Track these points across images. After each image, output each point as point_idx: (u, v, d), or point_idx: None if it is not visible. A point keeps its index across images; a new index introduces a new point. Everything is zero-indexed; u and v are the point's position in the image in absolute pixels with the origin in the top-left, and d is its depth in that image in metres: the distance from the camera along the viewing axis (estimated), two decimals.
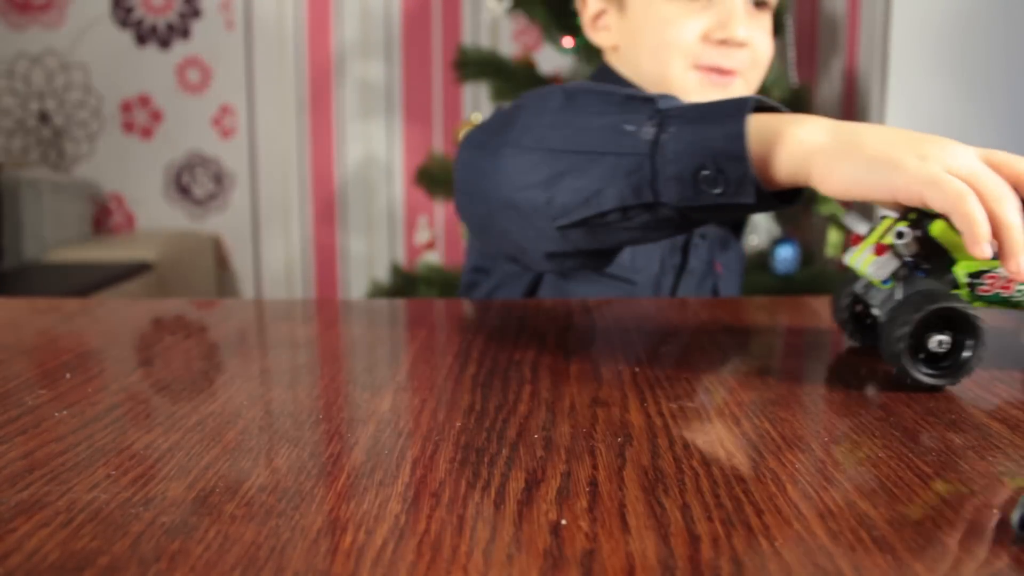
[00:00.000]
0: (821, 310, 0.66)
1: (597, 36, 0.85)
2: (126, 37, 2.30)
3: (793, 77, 2.00)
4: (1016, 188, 0.44)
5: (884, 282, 0.47)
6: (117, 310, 0.65)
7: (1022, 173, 0.44)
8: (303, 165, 2.34)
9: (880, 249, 0.46)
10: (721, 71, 0.78)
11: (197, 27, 2.30)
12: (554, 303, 0.67)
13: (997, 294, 0.47)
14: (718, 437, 0.37)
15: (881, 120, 1.89)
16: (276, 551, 0.27)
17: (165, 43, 2.30)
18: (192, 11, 2.29)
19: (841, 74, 2.26)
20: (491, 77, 1.83)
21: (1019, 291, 0.47)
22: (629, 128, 0.48)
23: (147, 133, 2.34)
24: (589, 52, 1.76)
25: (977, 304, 0.47)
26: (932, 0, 1.78)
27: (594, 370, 0.48)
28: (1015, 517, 0.28)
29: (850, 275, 0.52)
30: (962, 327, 0.44)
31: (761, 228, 1.68)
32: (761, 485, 0.32)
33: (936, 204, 0.42)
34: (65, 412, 0.40)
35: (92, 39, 2.30)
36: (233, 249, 2.42)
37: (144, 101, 2.32)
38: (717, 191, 0.46)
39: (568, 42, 1.82)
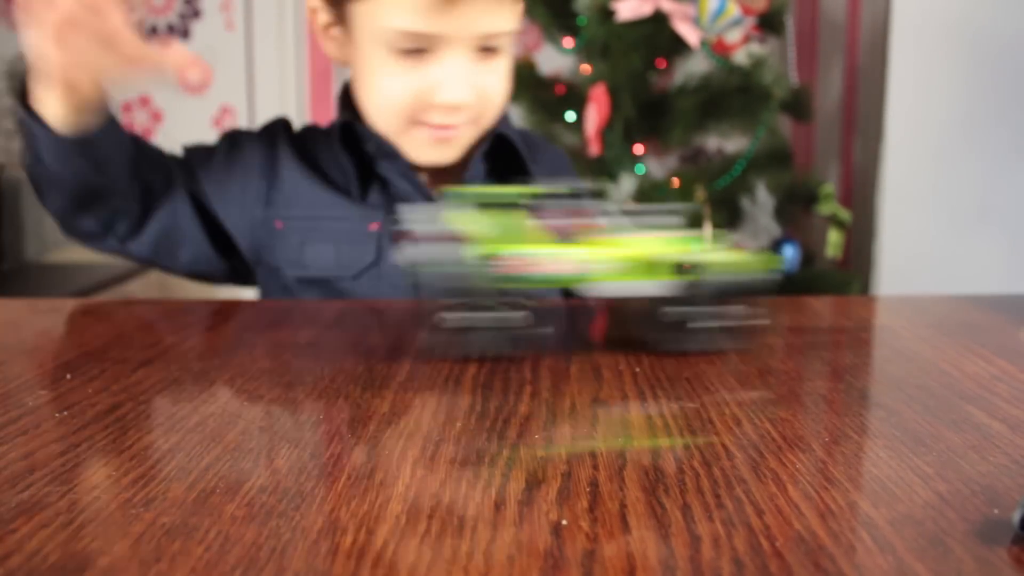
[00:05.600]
0: (821, 310, 0.66)
1: (327, 45, 0.77)
2: None
3: (793, 77, 2.00)
4: None
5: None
6: (117, 310, 0.65)
7: None
8: None
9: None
10: (446, 127, 0.73)
11: (197, 27, 2.30)
12: (554, 303, 0.67)
13: (520, 275, 0.49)
14: (718, 437, 0.37)
15: (880, 121, 1.89)
16: (277, 552, 0.27)
17: (165, 43, 2.30)
18: (192, 11, 2.29)
19: (841, 74, 2.26)
20: None
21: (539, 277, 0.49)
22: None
23: (147, 134, 2.34)
24: (590, 52, 1.76)
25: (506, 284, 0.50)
26: (932, 0, 1.78)
27: (594, 370, 0.48)
28: (1015, 517, 0.28)
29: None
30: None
31: (762, 228, 1.68)
32: (762, 485, 0.32)
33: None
34: (66, 413, 0.40)
35: None
36: None
37: (144, 101, 2.32)
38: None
39: (568, 42, 1.82)
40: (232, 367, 0.48)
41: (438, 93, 0.70)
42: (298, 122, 0.83)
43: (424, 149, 0.75)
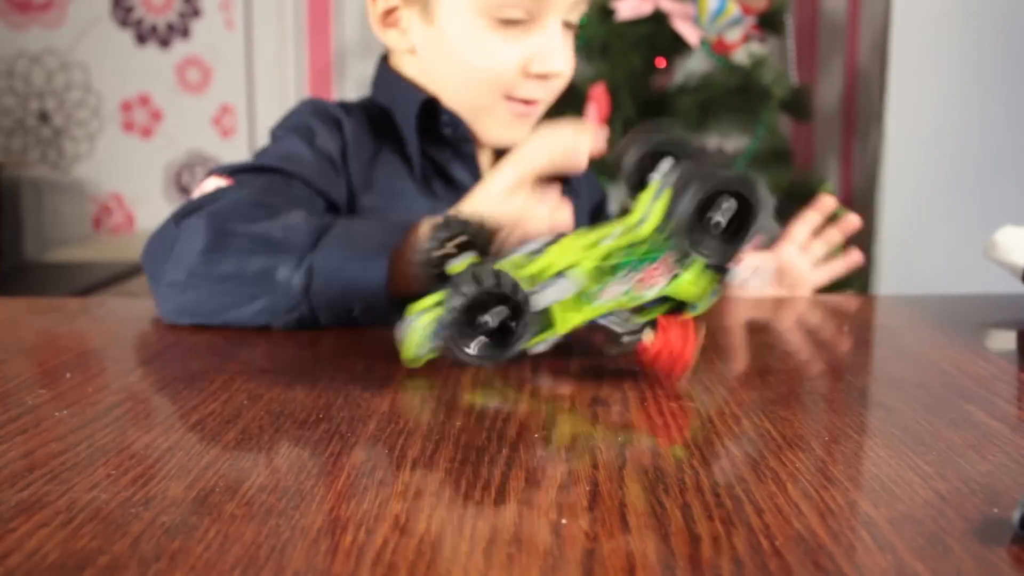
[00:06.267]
0: (821, 309, 0.66)
1: (386, 35, 0.77)
2: (126, 37, 2.30)
3: (793, 77, 2.00)
4: None
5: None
6: (117, 310, 0.65)
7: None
8: None
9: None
10: (529, 101, 0.75)
11: (197, 27, 2.30)
12: None
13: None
14: (718, 437, 0.37)
15: (880, 121, 1.89)
16: (276, 550, 0.27)
17: (165, 43, 2.30)
18: (192, 11, 2.29)
19: (841, 74, 2.25)
20: None
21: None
22: (281, 277, 0.56)
23: (147, 133, 2.34)
24: (590, 51, 1.76)
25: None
26: (933, 0, 1.78)
27: (594, 370, 0.48)
28: (1015, 516, 0.28)
29: None
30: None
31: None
32: (761, 484, 0.32)
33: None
34: (65, 412, 0.40)
35: (92, 39, 2.30)
36: None
37: (144, 101, 2.32)
38: (360, 316, 0.57)
39: None
40: (232, 367, 0.48)
41: (540, 62, 0.72)
42: None
43: (504, 127, 0.76)
